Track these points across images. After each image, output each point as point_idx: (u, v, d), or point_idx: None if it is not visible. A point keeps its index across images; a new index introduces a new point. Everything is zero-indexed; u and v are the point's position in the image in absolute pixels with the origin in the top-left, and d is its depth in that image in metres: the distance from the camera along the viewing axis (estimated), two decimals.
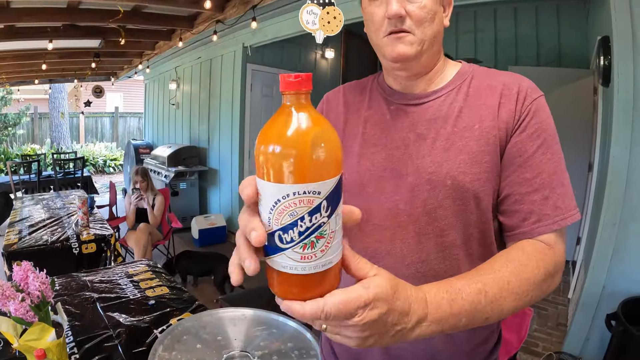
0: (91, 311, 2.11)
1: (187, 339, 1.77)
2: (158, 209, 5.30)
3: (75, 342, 1.81)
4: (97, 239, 3.97)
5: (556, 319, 4.20)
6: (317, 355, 1.63)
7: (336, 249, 0.62)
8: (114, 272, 2.62)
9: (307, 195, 0.56)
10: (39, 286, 1.58)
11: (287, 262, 0.59)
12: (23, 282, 1.59)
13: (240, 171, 7.01)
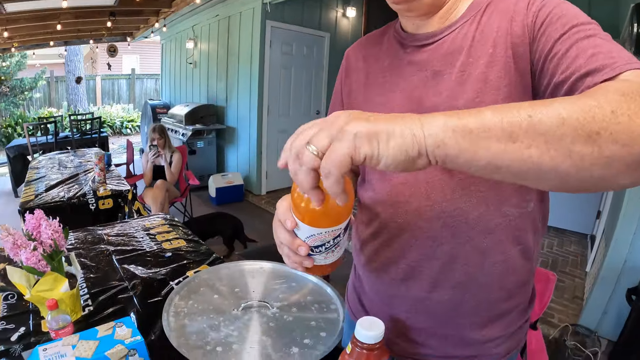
0: (106, 264, 2.06)
1: (204, 290, 1.74)
2: (175, 166, 5.27)
3: (89, 295, 1.77)
4: (114, 195, 3.95)
5: (572, 292, 4.19)
6: (337, 310, 1.59)
7: (345, 244, 0.92)
8: (130, 225, 2.57)
9: (333, 231, 0.82)
10: (51, 234, 1.53)
11: (317, 260, 0.90)
12: (35, 231, 1.53)
13: (259, 129, 6.95)
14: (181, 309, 1.61)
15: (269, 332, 1.49)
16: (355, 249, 1.33)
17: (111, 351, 1.23)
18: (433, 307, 1.15)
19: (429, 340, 1.21)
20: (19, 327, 1.55)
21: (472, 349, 1.19)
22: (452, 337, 1.19)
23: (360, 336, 1.01)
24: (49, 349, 1.23)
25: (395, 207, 1.11)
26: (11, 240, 1.50)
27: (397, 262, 1.16)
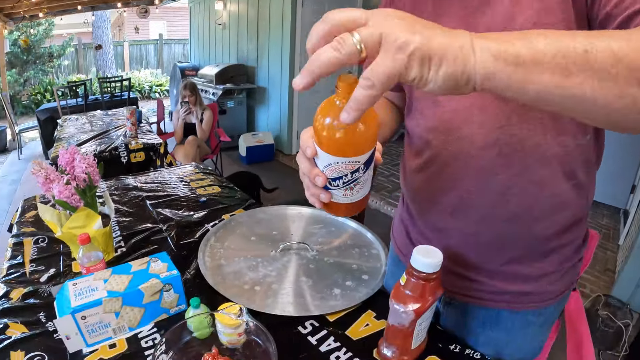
0: (140, 208, 2.01)
1: (240, 232, 1.69)
2: (206, 123, 5.22)
3: (122, 237, 1.72)
4: (146, 148, 3.91)
5: (604, 264, 4.12)
6: (379, 254, 1.57)
7: (368, 187, 0.84)
8: (163, 174, 2.51)
9: (350, 162, 0.74)
10: (85, 168, 1.46)
11: (335, 196, 0.82)
12: (69, 166, 1.47)
13: (290, 89, 6.84)
14: (217, 250, 1.57)
15: (309, 274, 1.44)
16: (404, 181, 1.24)
17: (145, 285, 1.17)
18: (484, 240, 1.08)
19: (479, 276, 1.15)
20: (49, 268, 1.52)
21: (526, 285, 1.12)
22: (504, 273, 1.12)
23: (418, 264, 0.95)
24: (79, 283, 1.17)
25: (446, 134, 1.02)
26: (43, 175, 1.44)
27: (447, 193, 1.08)
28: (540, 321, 1.19)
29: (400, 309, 0.99)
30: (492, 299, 1.16)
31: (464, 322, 1.25)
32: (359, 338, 1.20)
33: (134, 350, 1.16)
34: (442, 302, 1.29)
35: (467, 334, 1.26)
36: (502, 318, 1.18)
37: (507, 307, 1.16)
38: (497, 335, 1.21)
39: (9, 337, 1.17)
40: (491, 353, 1.21)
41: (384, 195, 5.47)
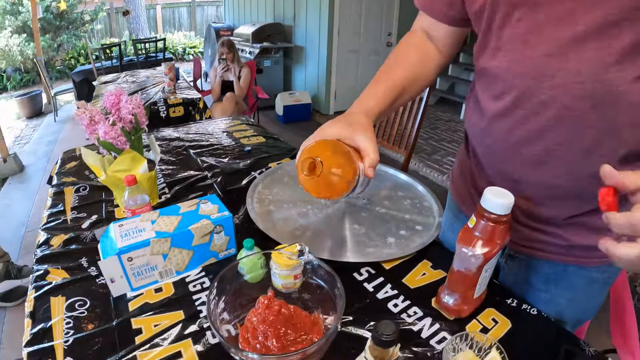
0: (183, 157, 1.97)
1: (288, 181, 1.65)
2: (244, 80, 5.15)
3: (166, 184, 1.68)
4: (185, 103, 3.88)
5: None
6: (431, 207, 1.52)
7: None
8: (205, 125, 2.46)
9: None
10: (132, 109, 1.41)
11: None
12: (114, 109, 1.41)
13: (328, 49, 6.71)
14: (265, 197, 1.52)
15: (361, 222, 1.40)
16: (476, 126, 1.14)
17: (195, 226, 1.12)
18: (564, 193, 1.00)
19: (551, 228, 1.07)
20: (90, 215, 1.49)
21: (597, 239, 1.03)
22: (577, 225, 1.04)
23: (489, 205, 0.89)
24: (125, 225, 1.13)
25: (538, 80, 0.91)
26: (88, 116, 1.39)
27: (532, 143, 0.98)
28: (604, 278, 1.13)
29: (469, 253, 0.94)
30: (561, 252, 1.09)
31: (527, 277, 1.20)
32: (416, 287, 1.16)
33: (181, 294, 1.12)
34: (505, 256, 1.23)
35: (528, 291, 1.21)
36: (568, 274, 1.12)
37: (574, 262, 1.09)
38: (560, 292, 1.15)
39: (50, 283, 1.15)
40: (552, 313, 1.15)
41: (422, 157, 5.38)
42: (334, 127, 0.97)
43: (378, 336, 0.59)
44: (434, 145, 5.83)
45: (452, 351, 0.92)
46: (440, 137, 6.11)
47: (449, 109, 7.48)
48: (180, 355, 0.94)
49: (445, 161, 5.22)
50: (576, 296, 1.15)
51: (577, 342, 0.99)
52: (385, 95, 1.09)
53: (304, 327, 0.90)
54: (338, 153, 0.92)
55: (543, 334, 1.02)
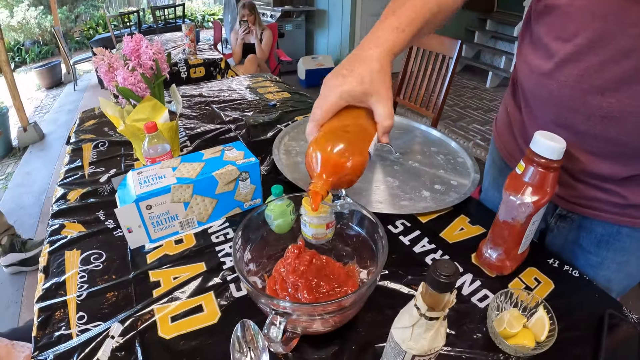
0: (205, 111, 1.90)
1: None
2: (266, 43, 5.06)
3: (187, 137, 1.61)
4: (206, 63, 3.81)
5: None
6: (465, 162, 1.46)
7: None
8: (226, 83, 2.38)
9: None
10: (152, 55, 1.33)
11: None
12: (134, 55, 1.33)
13: (352, 12, 6.59)
14: (292, 148, 1.46)
15: (395, 175, 1.33)
16: (536, 69, 1.02)
17: (220, 172, 1.05)
18: (632, 153, 0.92)
19: (609, 184, 0.99)
20: (109, 169, 1.43)
21: None
22: (636, 183, 0.96)
23: (540, 148, 0.83)
24: (145, 172, 1.06)
25: (619, 19, 0.81)
26: (106, 63, 1.31)
27: (605, 95, 0.87)
28: None
29: (517, 201, 0.87)
30: (617, 212, 1.02)
31: (577, 239, 1.13)
32: (455, 242, 1.10)
33: (203, 245, 1.06)
34: (555, 217, 1.16)
35: (578, 254, 1.14)
36: (621, 236, 1.05)
37: (629, 224, 1.02)
38: (612, 256, 1.09)
39: (65, 237, 1.09)
40: (600, 279, 1.11)
41: (448, 124, 5.28)
42: (342, 88, 0.80)
43: (436, 277, 0.51)
44: (459, 112, 5.73)
45: (496, 309, 0.87)
46: (465, 105, 6.00)
47: (475, 76, 7.33)
48: (202, 309, 0.88)
49: (471, 128, 5.11)
50: (628, 260, 1.09)
51: (620, 307, 0.93)
52: (406, 30, 0.89)
53: (338, 279, 0.83)
54: (346, 146, 0.76)
55: (586, 298, 0.97)
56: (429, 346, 0.59)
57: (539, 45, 0.97)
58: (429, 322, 0.56)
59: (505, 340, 0.80)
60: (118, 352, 0.79)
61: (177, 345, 0.81)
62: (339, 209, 0.87)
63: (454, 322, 0.86)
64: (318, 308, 0.68)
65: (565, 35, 0.89)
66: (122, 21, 7.96)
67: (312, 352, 0.79)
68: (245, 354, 0.75)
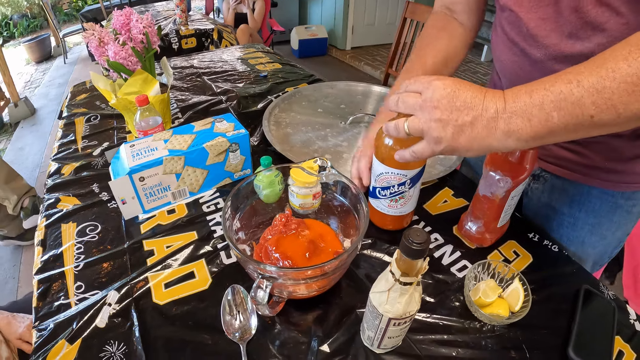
0: (197, 83, 1.91)
1: (307, 105, 1.60)
2: (258, 13, 5.04)
3: (179, 109, 1.63)
4: (198, 34, 3.79)
5: None
6: None
7: (411, 205, 1.00)
8: (217, 54, 2.39)
9: (398, 175, 0.91)
10: (142, 29, 1.34)
11: (381, 205, 0.99)
12: (124, 29, 1.35)
13: None
14: (282, 119, 1.48)
15: None
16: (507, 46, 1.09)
17: (210, 143, 1.08)
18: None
19: (579, 147, 1.05)
20: (102, 142, 1.46)
21: (621, 164, 1.03)
22: (605, 147, 1.01)
23: None
24: (137, 145, 1.08)
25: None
26: (97, 38, 1.33)
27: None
28: (629, 206, 1.11)
29: (497, 176, 0.90)
30: (585, 173, 1.07)
31: (550, 201, 1.18)
32: (438, 213, 1.14)
33: (195, 214, 1.10)
34: (529, 178, 1.19)
35: (551, 215, 1.19)
36: (591, 197, 1.11)
37: (598, 185, 1.08)
38: (584, 217, 1.14)
39: (60, 210, 1.12)
40: (574, 240, 1.16)
41: None
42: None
43: (408, 244, 0.54)
44: None
45: (473, 279, 0.91)
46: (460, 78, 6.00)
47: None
48: (194, 276, 0.92)
49: None
50: (599, 222, 1.13)
51: (597, 283, 0.97)
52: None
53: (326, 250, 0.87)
54: None
55: (563, 272, 1.00)
56: (403, 310, 0.63)
57: (504, 32, 1.02)
58: (403, 287, 0.60)
59: (480, 309, 0.84)
60: (115, 319, 0.83)
61: (171, 311, 0.84)
62: (324, 179, 0.92)
63: (433, 290, 0.90)
64: (302, 272, 0.71)
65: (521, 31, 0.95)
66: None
67: (297, 316, 0.83)
68: (235, 317, 0.79)
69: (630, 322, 0.88)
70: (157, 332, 0.81)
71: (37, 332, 0.81)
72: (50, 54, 7.76)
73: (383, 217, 1.02)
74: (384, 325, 0.66)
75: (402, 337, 0.74)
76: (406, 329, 0.70)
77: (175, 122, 1.54)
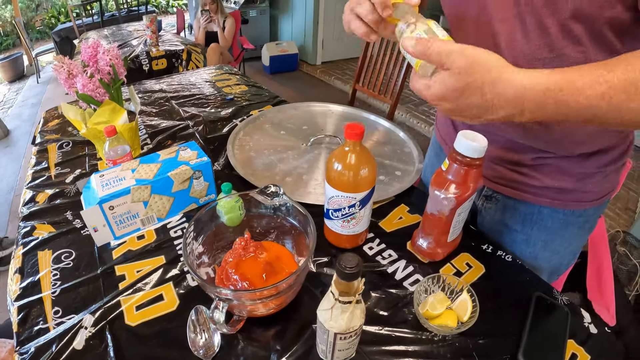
0: (165, 107, 1.97)
1: (270, 127, 1.67)
2: (229, 31, 5.09)
3: (148, 135, 1.68)
4: (168, 55, 3.84)
5: (626, 203, 4.04)
6: (412, 152, 1.54)
7: (364, 225, 1.06)
8: (187, 76, 2.44)
9: (348, 197, 0.97)
10: (109, 61, 1.40)
11: (335, 226, 1.06)
12: (92, 61, 1.41)
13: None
14: (246, 143, 1.55)
15: None
16: None
17: (174, 172, 1.14)
18: (542, 135, 1.01)
19: (525, 169, 1.10)
20: (74, 170, 1.49)
21: (569, 182, 1.08)
22: (553, 168, 1.07)
23: (462, 148, 0.89)
24: (106, 174, 1.14)
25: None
26: (66, 70, 1.38)
27: None
28: (580, 222, 1.16)
29: (441, 195, 0.95)
30: (536, 192, 1.12)
31: (503, 219, 1.22)
32: (392, 230, 1.19)
33: (163, 239, 1.15)
34: (482, 198, 1.26)
35: (505, 233, 1.23)
36: (543, 215, 1.15)
37: (549, 204, 1.12)
38: (536, 234, 1.18)
39: (36, 238, 1.17)
40: (527, 256, 1.21)
41: (410, 108, 5.36)
42: None
43: (341, 269, 0.61)
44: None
45: (424, 292, 0.96)
46: None
47: None
48: (162, 298, 0.97)
49: (433, 112, 5.20)
50: (552, 238, 1.18)
51: (550, 290, 1.02)
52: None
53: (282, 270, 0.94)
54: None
55: (516, 281, 1.05)
56: (346, 325, 0.69)
57: None
58: (343, 305, 0.67)
59: (428, 321, 0.89)
60: (91, 341, 0.88)
61: (142, 331, 0.90)
62: (277, 204, 0.98)
63: (386, 304, 0.96)
64: (255, 293, 0.78)
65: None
66: (85, 10, 7.85)
67: (258, 332, 0.89)
68: (199, 335, 0.85)
69: (585, 325, 0.93)
70: (130, 352, 0.86)
71: (19, 356, 0.86)
72: (23, 73, 7.71)
73: (338, 236, 1.08)
74: (332, 339, 0.72)
75: (354, 349, 0.80)
76: (354, 341, 0.76)
77: (144, 148, 1.58)
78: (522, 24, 0.85)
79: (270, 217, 1.02)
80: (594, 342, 0.90)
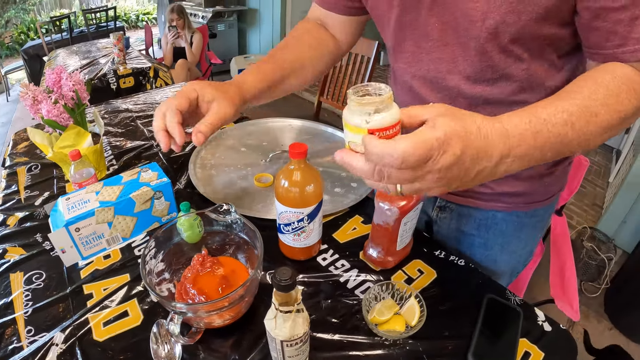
0: (131, 127, 2.00)
1: (231, 144, 1.72)
2: (196, 46, 5.13)
3: (113, 155, 1.72)
4: (135, 73, 3.86)
5: (593, 199, 4.16)
6: None
7: (315, 237, 1.12)
8: (153, 95, 2.48)
9: (296, 213, 1.03)
10: (72, 86, 1.46)
11: (287, 239, 1.11)
12: (56, 86, 1.46)
13: (282, 9, 6.68)
14: (208, 161, 1.60)
15: None
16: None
17: (136, 193, 1.19)
18: None
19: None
20: (43, 192, 1.53)
21: (519, 186, 1.13)
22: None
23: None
24: (72, 197, 1.19)
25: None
26: (31, 97, 1.43)
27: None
28: (533, 222, 1.22)
29: (385, 207, 1.02)
30: (487, 199, 1.18)
31: (459, 225, 1.28)
32: (345, 241, 1.24)
33: (128, 258, 1.20)
34: (436, 210, 1.32)
35: (462, 238, 1.29)
36: (497, 220, 1.21)
37: (503, 209, 1.18)
38: (492, 237, 1.24)
39: (8, 261, 1.20)
40: (486, 259, 1.26)
41: None
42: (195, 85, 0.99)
43: (277, 282, 0.68)
44: None
45: (374, 299, 1.02)
46: None
47: None
48: (127, 314, 1.02)
49: None
50: (508, 241, 1.24)
51: (502, 291, 1.08)
52: (267, 75, 1.11)
53: (237, 283, 0.99)
54: None
55: (468, 284, 1.11)
56: (290, 333, 0.75)
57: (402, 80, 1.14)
58: (284, 314, 0.74)
59: (377, 327, 0.95)
60: (62, 357, 0.92)
61: (110, 346, 0.95)
62: (229, 221, 1.04)
63: (338, 311, 1.02)
64: (206, 306, 0.84)
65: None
66: (54, 26, 7.82)
67: (216, 342, 0.95)
68: (161, 347, 0.91)
69: (539, 324, 0.99)
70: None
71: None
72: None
73: (291, 249, 1.12)
74: (279, 346, 0.78)
75: (304, 355, 0.85)
76: (303, 348, 0.82)
77: (110, 169, 1.62)
78: (464, 49, 0.91)
79: (225, 233, 1.07)
80: (547, 339, 0.95)
